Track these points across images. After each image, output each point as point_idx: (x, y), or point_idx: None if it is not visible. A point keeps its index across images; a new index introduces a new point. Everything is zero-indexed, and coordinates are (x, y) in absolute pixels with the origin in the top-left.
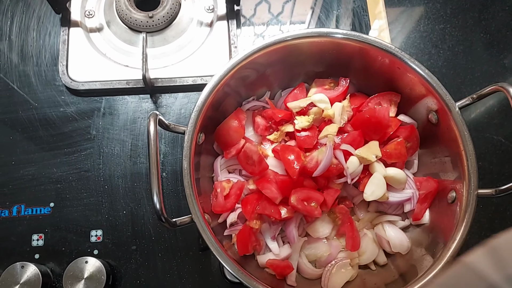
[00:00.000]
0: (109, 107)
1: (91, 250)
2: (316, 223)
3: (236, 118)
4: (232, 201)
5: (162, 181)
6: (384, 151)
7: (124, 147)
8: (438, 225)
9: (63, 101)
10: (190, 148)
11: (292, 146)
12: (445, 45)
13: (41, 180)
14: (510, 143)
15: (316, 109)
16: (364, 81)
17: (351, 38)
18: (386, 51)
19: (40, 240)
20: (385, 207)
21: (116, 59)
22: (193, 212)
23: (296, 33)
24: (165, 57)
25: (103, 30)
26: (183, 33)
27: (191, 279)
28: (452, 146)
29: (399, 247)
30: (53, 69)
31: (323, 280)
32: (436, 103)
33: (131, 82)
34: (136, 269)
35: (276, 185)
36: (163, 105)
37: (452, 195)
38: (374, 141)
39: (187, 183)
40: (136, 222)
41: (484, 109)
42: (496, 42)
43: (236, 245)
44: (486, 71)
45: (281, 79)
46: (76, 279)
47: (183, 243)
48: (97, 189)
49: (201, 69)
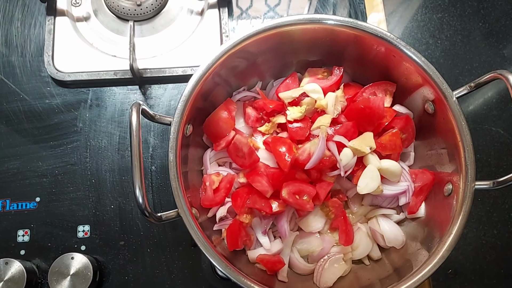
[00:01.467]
0: (96, 99)
1: (78, 246)
2: (309, 217)
3: (226, 109)
4: (221, 195)
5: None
6: (378, 143)
7: (111, 140)
8: (434, 218)
9: (49, 93)
10: (176, 140)
11: (284, 138)
12: (443, 35)
13: (26, 174)
14: (508, 135)
15: (308, 100)
16: (359, 71)
17: (344, 24)
18: (381, 38)
19: (25, 235)
20: (379, 200)
21: (103, 49)
22: (179, 206)
23: (288, 19)
24: (154, 46)
25: (90, 19)
26: (173, 22)
27: (181, 275)
28: (449, 137)
29: (394, 241)
30: (38, 60)
31: (315, 276)
32: (432, 92)
33: (118, 72)
34: (124, 264)
35: (267, 178)
36: (152, 96)
37: (448, 188)
38: (368, 132)
39: (173, 176)
40: (124, 217)
41: (483, 100)
42: (495, 31)
43: (226, 240)
44: (484, 61)
45: (273, 69)
46: (62, 276)
47: (173, 238)
48: (84, 183)
49: (192, 59)
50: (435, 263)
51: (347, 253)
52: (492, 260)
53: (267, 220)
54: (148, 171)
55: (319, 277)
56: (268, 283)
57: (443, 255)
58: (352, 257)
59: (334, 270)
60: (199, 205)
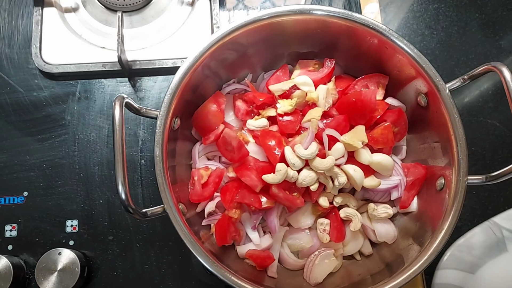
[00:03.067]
0: (84, 91)
1: (66, 241)
2: (298, 213)
3: (215, 102)
4: (210, 189)
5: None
6: (370, 136)
7: (100, 133)
8: (426, 213)
9: (37, 85)
10: (162, 134)
11: (273, 132)
12: (438, 26)
13: (13, 168)
14: (504, 127)
15: (299, 92)
16: (351, 63)
17: (334, 15)
18: (373, 29)
19: (13, 230)
20: (371, 194)
21: (92, 41)
22: (165, 201)
23: (277, 10)
24: (144, 38)
25: (78, 10)
26: (163, 12)
27: (170, 270)
28: (442, 131)
29: (385, 236)
30: (26, 52)
31: (306, 271)
32: (425, 85)
33: (107, 64)
34: (113, 260)
35: (256, 173)
36: (142, 88)
37: (440, 182)
38: (360, 126)
39: (159, 171)
40: (113, 212)
41: (479, 93)
42: (491, 22)
43: (215, 235)
44: (481, 52)
45: (264, 61)
46: (49, 271)
47: (162, 233)
48: (72, 177)
49: (182, 51)
50: (426, 258)
51: (338, 249)
52: None
53: (256, 215)
54: (138, 165)
55: (309, 273)
56: (258, 279)
57: (434, 250)
58: (343, 252)
59: (325, 265)
60: (188, 200)
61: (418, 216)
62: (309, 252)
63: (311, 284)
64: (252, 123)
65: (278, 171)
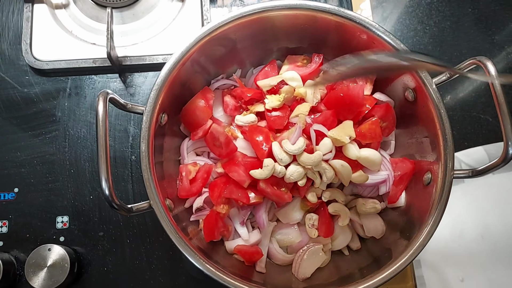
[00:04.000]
0: (75, 87)
1: (57, 237)
2: (287, 209)
3: (203, 97)
4: (198, 185)
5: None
6: (358, 131)
7: (91, 129)
8: (413, 207)
9: (27, 82)
10: (148, 129)
11: (261, 127)
12: (431, 21)
13: (4, 164)
14: (496, 122)
15: (287, 88)
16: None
17: (323, 10)
18: (359, 24)
19: (4, 227)
20: (359, 189)
21: (82, 37)
22: (151, 197)
23: (267, 4)
24: (134, 34)
25: (69, 6)
26: (153, 8)
27: (161, 266)
28: (429, 126)
29: (374, 231)
30: (16, 48)
31: (294, 266)
32: (412, 80)
33: (98, 60)
34: (104, 255)
35: (244, 168)
36: (133, 84)
37: (427, 177)
38: (348, 121)
39: (145, 167)
40: (104, 208)
41: (472, 88)
42: (484, 17)
43: (203, 231)
44: (473, 47)
45: (253, 56)
46: (39, 267)
47: (153, 229)
48: (62, 174)
49: (172, 47)
50: (413, 251)
51: (326, 244)
52: None
53: (245, 210)
54: (128, 161)
55: (298, 268)
56: (246, 274)
57: (421, 243)
58: (331, 247)
59: (313, 260)
60: (176, 196)
61: (406, 210)
62: (298, 247)
63: (300, 279)
64: (241, 119)
65: (266, 166)
